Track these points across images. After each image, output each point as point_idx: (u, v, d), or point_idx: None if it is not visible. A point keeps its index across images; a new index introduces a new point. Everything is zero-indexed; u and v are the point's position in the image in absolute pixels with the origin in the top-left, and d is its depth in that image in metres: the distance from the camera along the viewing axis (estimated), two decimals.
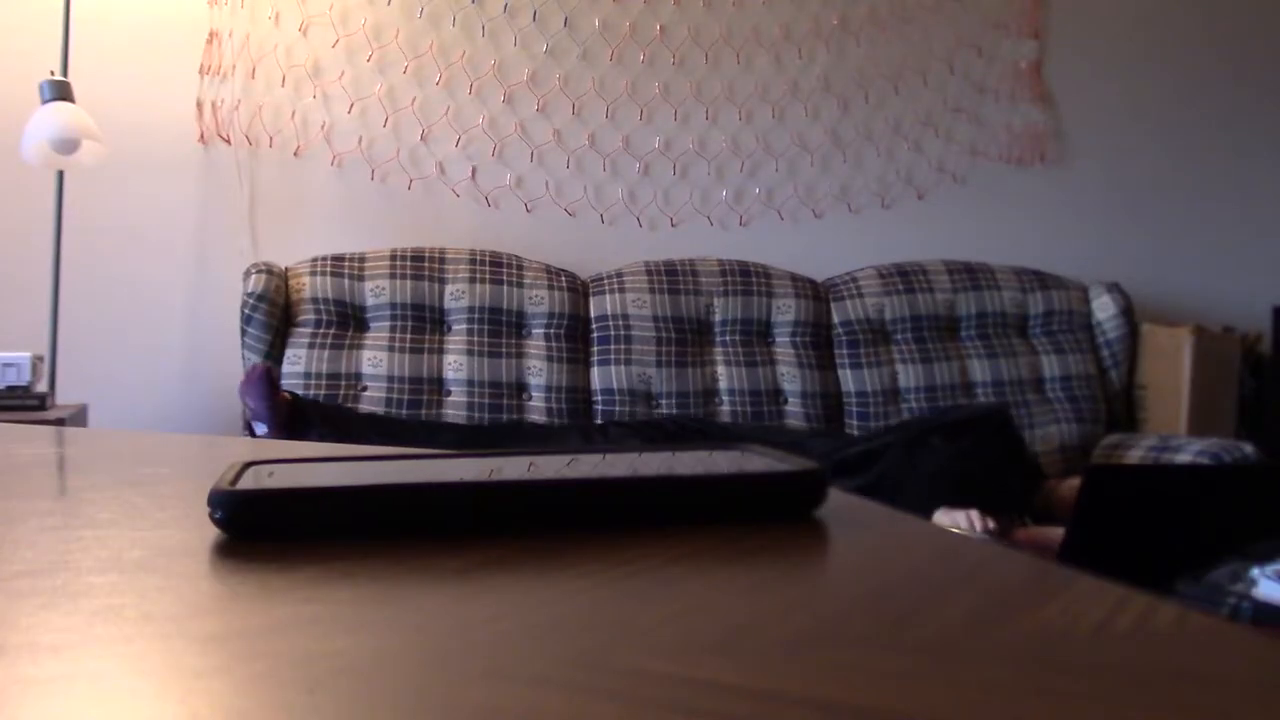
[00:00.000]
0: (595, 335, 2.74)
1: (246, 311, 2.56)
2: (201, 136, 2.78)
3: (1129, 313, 2.95)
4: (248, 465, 0.36)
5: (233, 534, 0.32)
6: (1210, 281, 3.26)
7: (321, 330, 2.59)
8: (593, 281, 2.81)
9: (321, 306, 2.61)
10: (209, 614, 0.24)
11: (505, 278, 2.72)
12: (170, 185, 2.78)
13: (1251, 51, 3.34)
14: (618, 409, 2.67)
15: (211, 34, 2.78)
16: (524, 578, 0.27)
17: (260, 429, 2.26)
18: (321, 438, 2.25)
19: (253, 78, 2.81)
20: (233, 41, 2.79)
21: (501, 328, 2.68)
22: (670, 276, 2.79)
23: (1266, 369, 3.02)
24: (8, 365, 2.37)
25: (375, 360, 2.59)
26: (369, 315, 2.64)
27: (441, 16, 2.90)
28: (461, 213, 2.92)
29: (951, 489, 2.20)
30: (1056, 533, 2.01)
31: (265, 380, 2.24)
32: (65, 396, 2.60)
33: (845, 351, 2.81)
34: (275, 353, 2.57)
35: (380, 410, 2.55)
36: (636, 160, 3.00)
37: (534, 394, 2.65)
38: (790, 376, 2.74)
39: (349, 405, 2.52)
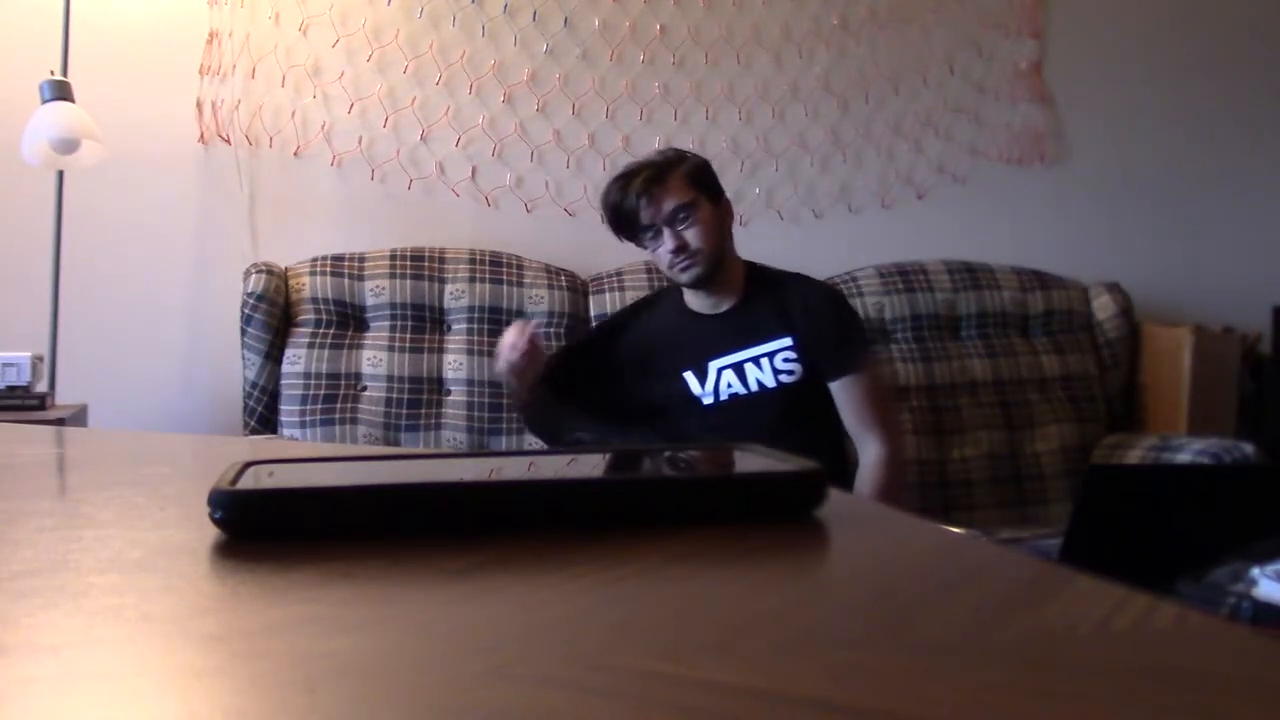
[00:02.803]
0: None
1: (246, 311, 2.56)
2: (201, 136, 2.78)
3: (1129, 313, 2.95)
4: (248, 465, 0.36)
5: (233, 534, 0.32)
6: (1210, 281, 3.26)
7: (321, 330, 2.59)
8: (592, 281, 2.80)
9: (321, 306, 2.61)
10: (209, 614, 0.24)
11: (505, 277, 2.72)
12: (170, 185, 2.78)
13: (1251, 51, 3.34)
14: None
15: (211, 34, 2.78)
16: (524, 578, 0.27)
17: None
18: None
19: (253, 78, 2.81)
20: (233, 41, 2.79)
21: (502, 327, 2.67)
22: None
23: (1266, 369, 3.02)
24: (8, 365, 2.37)
25: (375, 360, 2.59)
26: (369, 315, 2.64)
27: (441, 16, 2.90)
28: (461, 213, 2.92)
29: None
30: None
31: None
32: (65, 396, 2.60)
33: None
34: (275, 353, 2.57)
35: (380, 410, 2.55)
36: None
37: None
38: None
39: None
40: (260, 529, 0.32)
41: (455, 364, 2.62)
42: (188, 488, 0.41)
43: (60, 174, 2.58)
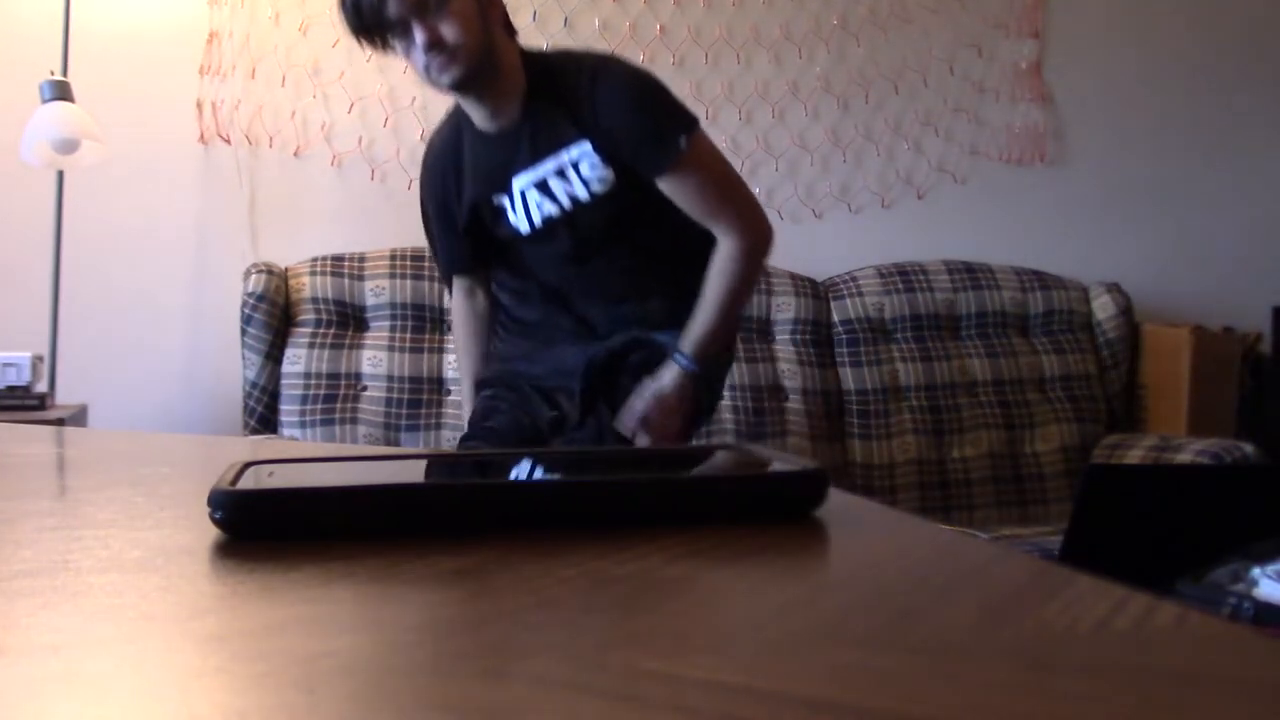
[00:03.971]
0: None
1: (246, 311, 2.56)
2: (201, 136, 2.78)
3: (1129, 313, 2.95)
4: (248, 465, 0.36)
5: (233, 534, 0.32)
6: (1210, 281, 3.26)
7: (321, 330, 2.59)
8: None
9: (321, 306, 2.61)
10: (209, 614, 0.24)
11: None
12: (170, 185, 2.78)
13: (1251, 51, 3.34)
14: None
15: (211, 34, 2.78)
16: (524, 578, 0.27)
17: None
18: None
19: (253, 78, 2.81)
20: (233, 41, 2.79)
21: None
22: None
23: (1266, 369, 3.02)
24: (8, 365, 2.37)
25: (375, 360, 2.59)
26: (369, 315, 2.64)
27: None
28: None
29: None
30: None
31: None
32: (65, 396, 2.60)
33: (845, 350, 2.81)
34: (275, 353, 2.57)
35: (380, 410, 2.55)
36: None
37: None
38: (790, 374, 2.74)
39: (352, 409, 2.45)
40: (260, 529, 0.31)
41: (455, 364, 2.62)
42: (188, 488, 0.41)
43: (60, 174, 2.58)
